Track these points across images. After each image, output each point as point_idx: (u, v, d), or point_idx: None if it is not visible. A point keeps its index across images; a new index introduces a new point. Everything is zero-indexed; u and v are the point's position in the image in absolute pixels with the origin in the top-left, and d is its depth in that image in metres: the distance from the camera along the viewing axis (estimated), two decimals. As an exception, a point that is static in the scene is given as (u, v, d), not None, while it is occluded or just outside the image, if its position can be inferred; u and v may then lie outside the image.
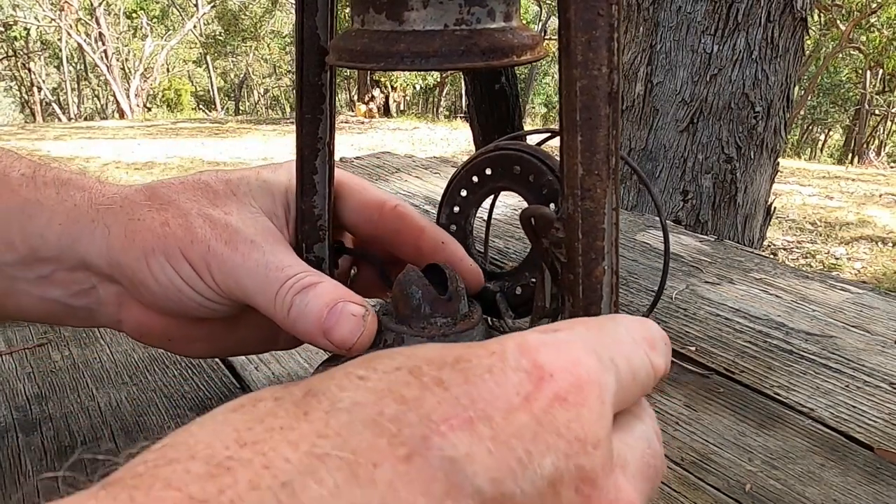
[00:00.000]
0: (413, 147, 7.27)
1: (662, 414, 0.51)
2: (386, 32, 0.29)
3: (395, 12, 0.29)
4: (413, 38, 0.29)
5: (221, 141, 7.63)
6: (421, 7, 0.29)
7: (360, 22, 0.30)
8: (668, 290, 0.74)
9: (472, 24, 0.29)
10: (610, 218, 0.29)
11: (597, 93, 0.27)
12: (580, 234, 0.28)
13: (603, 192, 0.28)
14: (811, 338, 0.63)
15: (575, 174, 0.28)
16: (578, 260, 0.29)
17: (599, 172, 0.28)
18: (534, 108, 14.84)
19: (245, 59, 16.50)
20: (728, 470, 0.45)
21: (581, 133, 0.27)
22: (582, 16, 0.26)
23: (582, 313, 0.29)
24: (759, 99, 2.06)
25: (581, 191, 0.28)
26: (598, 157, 0.28)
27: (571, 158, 0.28)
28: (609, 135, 0.28)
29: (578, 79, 0.27)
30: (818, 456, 0.46)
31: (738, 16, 2.00)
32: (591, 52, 0.26)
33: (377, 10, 0.29)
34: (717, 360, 0.59)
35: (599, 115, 0.27)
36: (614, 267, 0.29)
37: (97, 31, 13.86)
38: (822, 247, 4.23)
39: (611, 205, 0.29)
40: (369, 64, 0.29)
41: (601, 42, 0.26)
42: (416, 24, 0.29)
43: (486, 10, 0.29)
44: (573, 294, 0.29)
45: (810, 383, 0.55)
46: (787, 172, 6.06)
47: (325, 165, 0.39)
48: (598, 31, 0.26)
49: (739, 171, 2.11)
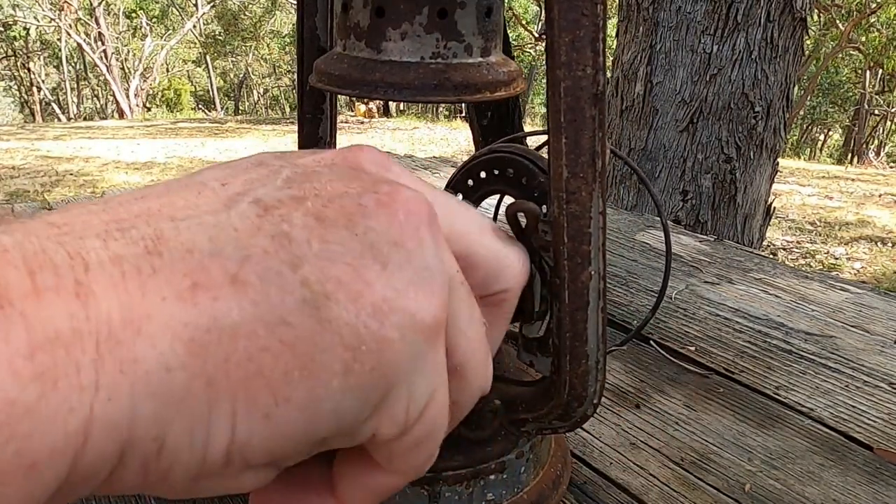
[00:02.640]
0: (412, 147, 7.27)
1: (662, 414, 0.51)
2: (364, 60, 0.29)
3: (374, 41, 0.29)
4: (389, 68, 0.29)
5: (221, 141, 7.63)
6: (399, 38, 0.29)
7: (342, 47, 0.31)
8: (668, 290, 0.74)
9: (447, 58, 0.29)
10: (596, 222, 0.28)
11: (581, 94, 0.26)
12: (565, 238, 0.28)
13: (588, 196, 0.27)
14: (811, 338, 0.63)
15: (560, 177, 0.27)
16: (564, 264, 0.28)
17: (585, 175, 0.27)
18: (534, 108, 14.84)
19: (245, 58, 16.49)
20: (728, 470, 0.45)
21: (566, 135, 0.27)
22: (565, 16, 0.25)
23: (568, 319, 0.29)
24: (759, 99, 2.06)
25: (566, 194, 0.27)
26: (583, 159, 0.27)
27: (557, 160, 0.27)
28: (595, 137, 0.27)
29: (562, 80, 0.26)
30: (818, 456, 0.46)
31: (737, 16, 1.99)
32: (575, 53, 0.26)
33: (357, 38, 0.30)
34: (716, 360, 0.59)
35: (584, 117, 0.27)
36: (601, 272, 0.29)
37: (97, 30, 13.85)
38: (822, 247, 4.23)
39: (597, 208, 0.28)
40: (346, 90, 0.29)
41: (585, 42, 0.26)
42: (394, 54, 0.29)
43: (462, 46, 0.29)
44: (559, 298, 0.29)
45: (810, 383, 0.55)
46: (787, 172, 6.06)
47: None
48: (581, 32, 0.26)
49: (739, 170, 2.11)
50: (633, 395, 0.54)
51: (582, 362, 0.30)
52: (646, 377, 0.56)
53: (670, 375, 0.57)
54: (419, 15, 0.28)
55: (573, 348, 0.29)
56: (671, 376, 0.57)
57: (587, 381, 0.30)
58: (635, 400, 0.53)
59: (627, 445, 0.48)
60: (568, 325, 0.29)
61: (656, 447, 0.48)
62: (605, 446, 0.48)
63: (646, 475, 0.45)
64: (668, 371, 0.58)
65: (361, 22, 0.29)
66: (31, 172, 5.79)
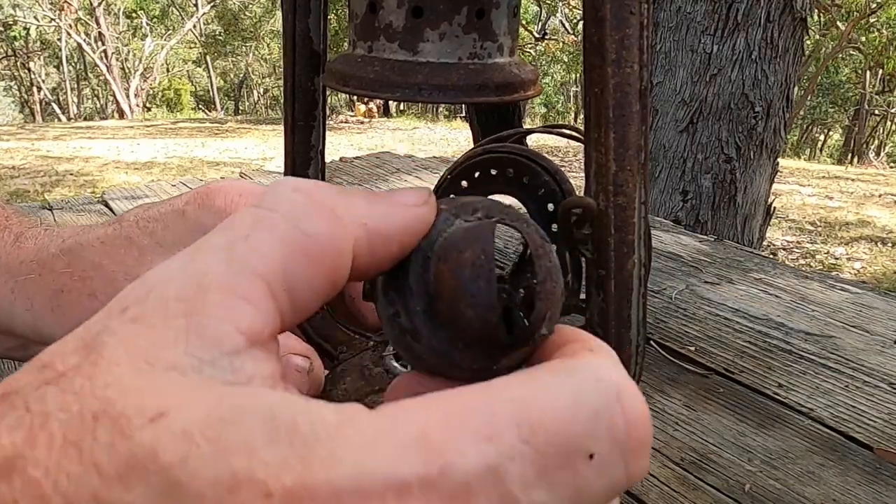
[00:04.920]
0: (413, 147, 7.26)
1: (662, 414, 0.51)
2: (400, 62, 0.29)
3: (409, 42, 0.29)
4: (430, 70, 0.29)
5: (221, 141, 7.63)
6: (437, 39, 0.29)
7: (367, 48, 0.30)
8: (668, 290, 0.74)
9: (483, 58, 0.29)
10: (640, 212, 0.29)
11: (629, 90, 0.27)
12: (612, 230, 0.29)
13: (634, 188, 0.28)
14: (811, 338, 0.63)
15: (608, 170, 0.28)
16: (611, 255, 0.29)
17: (631, 168, 0.28)
18: (533, 108, 14.83)
19: (245, 58, 16.49)
20: (727, 470, 0.45)
21: (614, 130, 0.28)
22: (616, 14, 0.26)
23: (614, 307, 0.30)
24: (759, 99, 2.06)
25: (614, 186, 0.28)
26: (630, 152, 0.28)
27: (603, 155, 0.28)
28: (640, 131, 0.28)
29: (612, 76, 0.27)
30: (818, 456, 0.46)
31: (737, 16, 1.99)
32: (624, 50, 0.27)
33: (389, 39, 0.29)
34: (716, 360, 0.59)
35: (632, 112, 0.28)
36: (643, 259, 0.30)
37: (97, 30, 13.85)
38: (822, 247, 4.23)
39: (640, 199, 0.29)
40: (384, 93, 0.29)
41: (633, 40, 0.27)
42: (431, 55, 0.29)
43: (496, 45, 0.30)
44: (604, 289, 0.29)
45: (810, 383, 0.55)
46: (787, 172, 6.06)
47: (319, 175, 0.39)
48: (630, 29, 0.27)
49: (739, 171, 2.11)
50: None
51: (626, 347, 0.31)
52: (645, 377, 0.56)
53: (670, 375, 0.57)
54: (458, 15, 0.29)
55: (619, 335, 0.31)
56: (671, 376, 0.57)
57: (629, 365, 0.31)
58: (635, 400, 0.53)
59: (627, 445, 0.48)
60: (614, 313, 0.30)
61: (656, 447, 0.48)
62: (605, 446, 0.48)
63: (645, 475, 0.45)
64: (668, 371, 0.58)
65: (394, 23, 0.29)
66: (31, 172, 5.79)
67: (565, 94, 15.33)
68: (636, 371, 0.32)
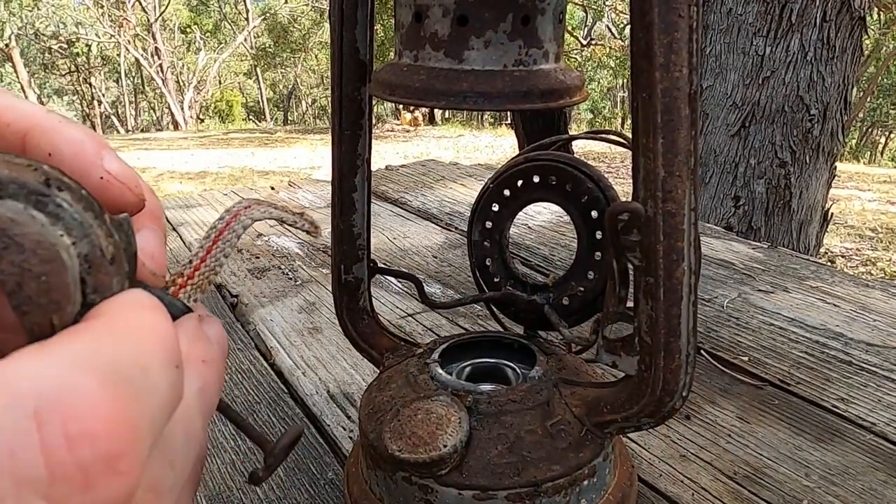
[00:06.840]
0: (458, 154, 7.28)
1: (713, 425, 0.50)
2: (445, 70, 0.29)
3: (454, 51, 0.29)
4: (475, 77, 0.29)
5: (271, 150, 7.80)
6: (482, 47, 0.29)
7: (413, 57, 0.30)
8: (720, 299, 0.72)
9: (528, 65, 0.29)
10: (689, 218, 0.28)
11: (678, 94, 0.27)
12: (661, 237, 0.28)
13: (683, 194, 0.28)
14: (872, 348, 0.61)
15: (656, 176, 0.28)
16: (660, 262, 0.28)
17: (680, 174, 0.28)
18: (580, 115, 14.71)
19: (293, 70, 16.84)
20: (783, 485, 0.43)
21: (663, 135, 0.27)
22: (664, 18, 0.26)
23: (663, 315, 0.29)
24: (815, 101, 2.00)
25: (662, 192, 0.28)
26: (680, 158, 0.27)
27: (652, 161, 0.28)
28: (689, 136, 0.27)
29: (660, 81, 0.27)
30: (880, 472, 0.44)
31: (791, 16, 1.94)
32: (673, 55, 0.26)
33: (434, 48, 0.29)
34: (771, 371, 0.57)
35: (680, 116, 0.27)
36: (693, 266, 0.29)
37: (153, 45, 14.36)
38: (884, 254, 4.06)
39: (689, 205, 0.28)
40: (429, 101, 0.29)
41: (682, 44, 0.26)
42: (476, 63, 0.29)
43: (541, 52, 0.30)
44: (653, 297, 0.29)
45: (871, 396, 0.53)
46: (846, 177, 5.85)
47: (365, 183, 0.39)
48: (679, 33, 0.26)
49: (794, 175, 2.05)
50: (684, 405, 0.53)
51: (676, 357, 0.30)
52: (696, 387, 0.55)
53: (722, 386, 0.56)
54: (503, 22, 0.29)
55: (668, 343, 0.30)
56: (723, 387, 0.55)
57: (679, 375, 0.31)
58: (685, 411, 0.52)
59: (677, 457, 0.47)
60: (663, 322, 0.29)
61: (707, 459, 0.46)
62: (654, 458, 0.47)
63: (696, 488, 0.44)
64: (720, 382, 0.56)
65: (440, 31, 0.29)
66: (91, 183, 6.01)
67: (612, 99, 15.17)
68: (686, 381, 0.31)
